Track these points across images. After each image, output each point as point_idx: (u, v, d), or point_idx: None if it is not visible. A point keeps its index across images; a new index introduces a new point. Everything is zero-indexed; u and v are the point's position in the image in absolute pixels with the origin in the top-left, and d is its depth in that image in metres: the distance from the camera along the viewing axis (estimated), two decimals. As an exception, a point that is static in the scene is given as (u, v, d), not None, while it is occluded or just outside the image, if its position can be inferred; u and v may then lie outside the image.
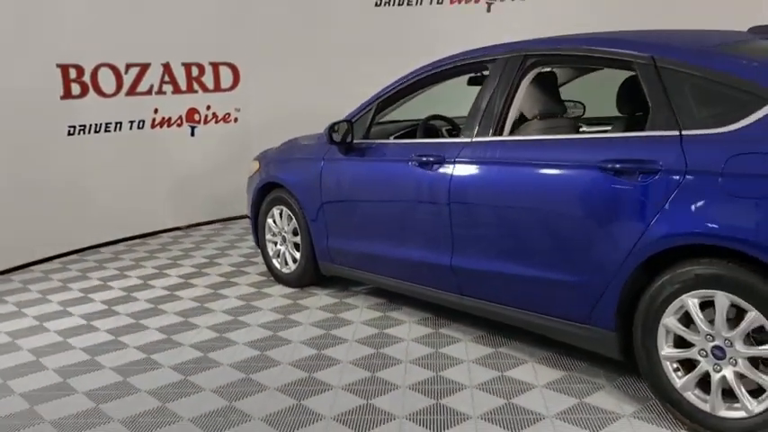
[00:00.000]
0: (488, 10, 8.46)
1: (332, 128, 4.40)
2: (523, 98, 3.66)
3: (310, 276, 4.94)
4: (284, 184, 4.95)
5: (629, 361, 3.05)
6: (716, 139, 2.72)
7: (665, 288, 2.79)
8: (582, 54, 3.46)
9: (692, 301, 2.72)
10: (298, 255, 4.97)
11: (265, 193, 5.19)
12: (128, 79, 6.97)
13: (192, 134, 7.56)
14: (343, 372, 3.58)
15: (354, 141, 4.41)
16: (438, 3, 8.34)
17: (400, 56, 8.07)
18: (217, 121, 7.73)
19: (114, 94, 6.88)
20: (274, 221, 5.13)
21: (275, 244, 5.19)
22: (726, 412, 2.68)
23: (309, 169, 4.72)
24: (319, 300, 4.80)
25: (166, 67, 7.25)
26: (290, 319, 4.43)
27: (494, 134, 3.60)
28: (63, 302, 5.08)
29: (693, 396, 2.78)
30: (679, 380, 2.81)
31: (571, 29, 4.17)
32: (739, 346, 2.62)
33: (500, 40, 3.86)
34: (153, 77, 7.17)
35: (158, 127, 7.28)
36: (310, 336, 4.11)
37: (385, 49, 8.02)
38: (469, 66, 4.07)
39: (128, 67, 6.95)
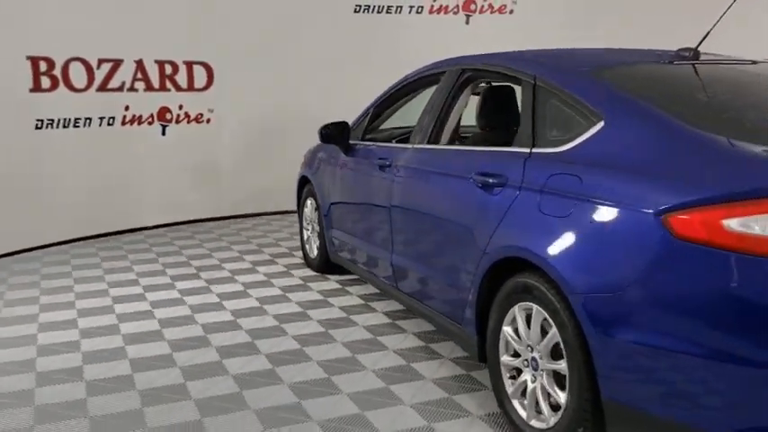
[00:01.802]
0: (467, 22, 8.53)
1: (324, 127, 4.79)
2: (476, 110, 3.78)
3: (325, 264, 5.39)
4: (309, 179, 5.52)
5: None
6: (548, 159, 2.83)
7: (502, 298, 2.91)
8: (496, 70, 3.56)
9: (518, 312, 2.83)
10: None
11: (302, 186, 5.78)
12: (99, 75, 6.85)
13: (164, 133, 7.45)
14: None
15: (351, 142, 4.77)
16: (417, 12, 8.38)
17: (377, 62, 8.13)
18: (189, 121, 7.63)
19: (85, 90, 6.76)
20: (307, 211, 5.66)
21: (308, 231, 5.68)
22: (535, 422, 2.78)
23: (323, 167, 5.28)
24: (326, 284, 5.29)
25: (139, 63, 7.15)
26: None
27: (427, 142, 3.83)
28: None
29: (518, 404, 2.89)
30: (510, 387, 2.93)
31: (546, 43, 4.21)
32: (545, 360, 2.71)
33: (476, 52, 3.88)
34: (125, 74, 7.05)
35: (129, 124, 7.17)
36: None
37: (362, 55, 8.04)
38: (428, 78, 4.24)
39: (100, 62, 6.84)
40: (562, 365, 2.59)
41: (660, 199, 2.21)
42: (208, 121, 7.77)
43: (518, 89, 3.35)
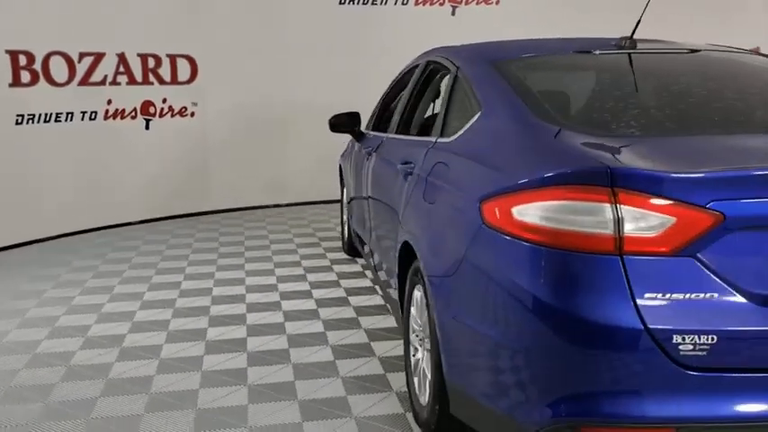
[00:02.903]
0: (453, 13, 8.48)
1: (333, 117, 4.96)
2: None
3: (350, 248, 5.67)
4: (341, 168, 5.88)
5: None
6: (441, 148, 2.91)
7: (407, 280, 3.08)
8: (442, 62, 3.54)
9: (416, 294, 2.95)
10: None
11: (341, 175, 6.01)
12: (81, 68, 6.75)
13: (147, 127, 7.36)
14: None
15: (362, 131, 4.96)
16: (403, 3, 8.32)
17: (363, 54, 8.08)
18: (173, 115, 7.54)
19: (66, 84, 6.66)
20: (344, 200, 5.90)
21: (343, 216, 5.92)
22: (422, 398, 2.86)
23: (347, 157, 5.55)
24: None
25: (121, 57, 7.05)
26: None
27: (395, 132, 3.96)
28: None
29: (415, 379, 2.99)
30: (411, 364, 3.06)
31: (532, 33, 4.18)
32: (424, 340, 2.83)
33: (462, 43, 3.83)
34: (107, 67, 6.95)
35: (111, 119, 7.07)
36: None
37: (347, 47, 7.99)
38: (411, 70, 4.28)
39: (81, 55, 6.74)
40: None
41: (481, 188, 2.30)
42: (192, 114, 7.68)
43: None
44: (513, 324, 2.08)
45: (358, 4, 8.21)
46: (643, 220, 1.90)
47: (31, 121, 6.44)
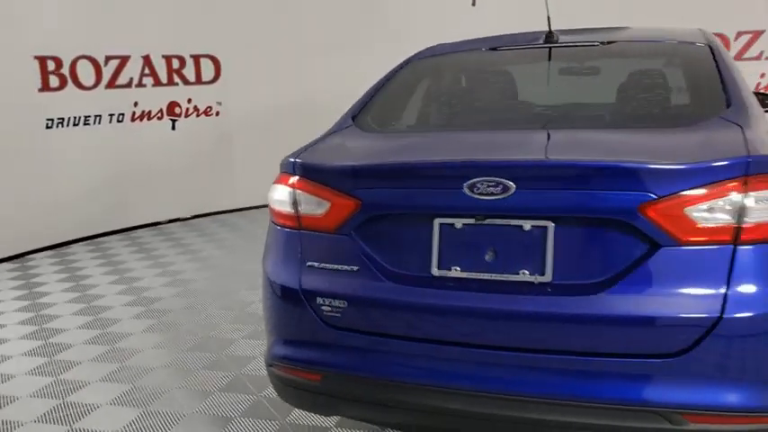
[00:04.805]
0: (473, 3, 8.43)
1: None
2: None
3: None
4: None
5: None
6: None
7: None
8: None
9: None
10: None
11: None
12: (107, 72, 6.86)
13: (173, 128, 7.46)
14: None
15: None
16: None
17: (386, 49, 8.02)
18: (198, 115, 7.63)
19: (93, 87, 6.77)
20: None
21: None
22: None
23: None
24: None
25: (146, 59, 7.15)
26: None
27: None
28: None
29: None
30: None
31: (557, 24, 4.15)
32: None
33: (483, 34, 3.83)
34: (133, 70, 7.06)
35: (138, 120, 7.18)
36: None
37: (370, 42, 7.98)
38: None
39: (107, 59, 6.84)
40: None
41: None
42: (217, 113, 7.76)
43: None
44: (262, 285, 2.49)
45: (378, -3, 8.21)
46: (312, 203, 2.27)
47: (60, 125, 6.56)
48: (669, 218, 1.88)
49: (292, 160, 2.37)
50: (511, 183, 1.96)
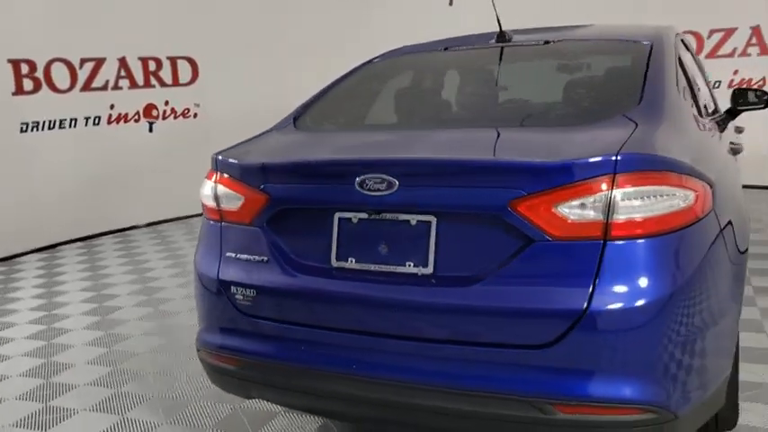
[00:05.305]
0: (450, 3, 8.46)
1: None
2: None
3: None
4: None
5: None
6: None
7: None
8: None
9: None
10: None
11: None
12: (82, 74, 6.79)
13: (151, 130, 7.40)
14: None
15: None
16: (400, -5, 8.33)
17: (361, 49, 8.03)
18: (176, 117, 7.58)
19: (68, 90, 6.70)
20: None
21: None
22: None
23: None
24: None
25: (122, 61, 7.09)
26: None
27: None
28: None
29: None
30: None
31: (533, 23, 4.18)
32: None
33: (460, 33, 3.84)
34: (109, 72, 6.99)
35: (115, 123, 7.11)
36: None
37: (346, 43, 7.98)
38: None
39: (82, 61, 6.77)
40: None
41: None
42: (195, 115, 7.72)
43: None
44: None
45: (356, -2, 8.22)
46: (230, 198, 2.41)
47: (35, 129, 6.48)
48: (539, 214, 1.93)
49: (215, 157, 2.53)
50: (394, 179, 2.06)
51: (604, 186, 1.90)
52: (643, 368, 1.92)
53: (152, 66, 7.32)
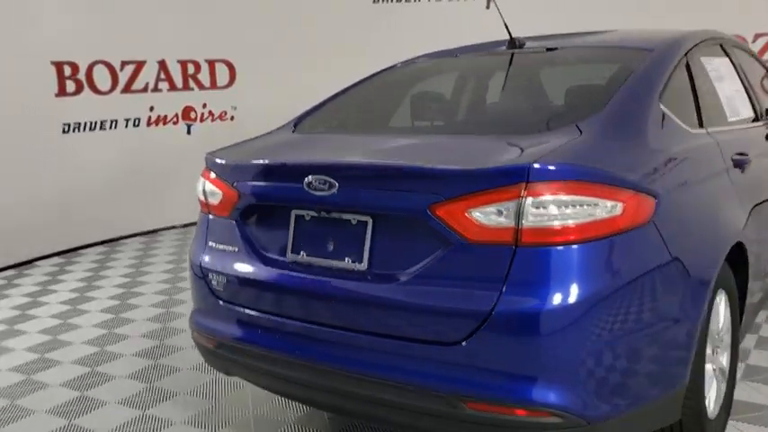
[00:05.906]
0: (487, 6, 8.41)
1: None
2: None
3: None
4: None
5: None
6: None
7: None
8: None
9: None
10: None
11: None
12: (123, 77, 6.91)
13: (189, 132, 7.49)
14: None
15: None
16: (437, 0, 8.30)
17: (398, 53, 8.01)
18: (213, 119, 7.67)
19: (109, 92, 6.82)
20: None
21: None
22: None
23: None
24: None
25: (162, 64, 7.19)
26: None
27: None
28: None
29: None
30: None
31: (575, 26, 4.13)
32: None
33: (498, 37, 3.81)
34: (148, 75, 7.11)
35: (154, 125, 7.22)
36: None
37: (383, 47, 7.97)
38: None
39: (123, 64, 6.90)
40: None
41: None
42: (232, 118, 7.80)
43: None
44: None
45: (392, 1, 8.22)
46: (213, 193, 2.66)
47: (77, 130, 6.61)
48: (455, 218, 2.04)
49: (206, 156, 2.75)
50: (334, 181, 2.23)
51: (516, 194, 1.96)
52: (549, 372, 1.95)
53: (191, 69, 7.42)
